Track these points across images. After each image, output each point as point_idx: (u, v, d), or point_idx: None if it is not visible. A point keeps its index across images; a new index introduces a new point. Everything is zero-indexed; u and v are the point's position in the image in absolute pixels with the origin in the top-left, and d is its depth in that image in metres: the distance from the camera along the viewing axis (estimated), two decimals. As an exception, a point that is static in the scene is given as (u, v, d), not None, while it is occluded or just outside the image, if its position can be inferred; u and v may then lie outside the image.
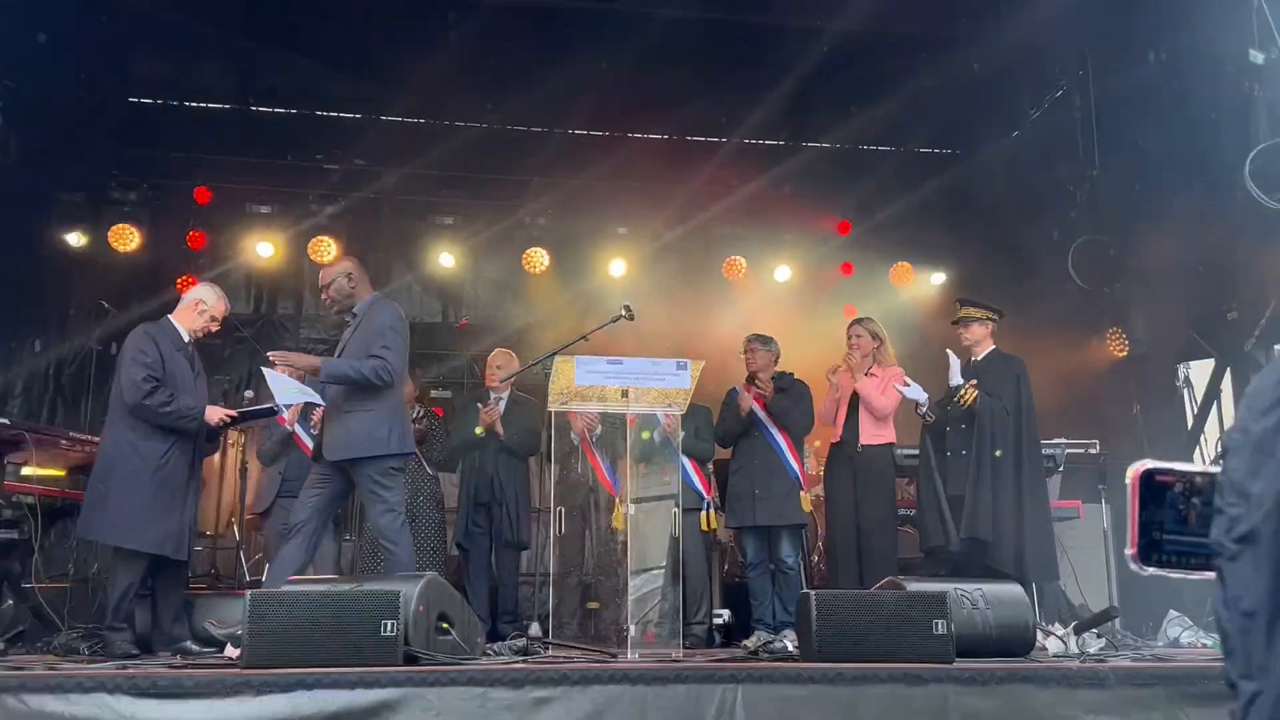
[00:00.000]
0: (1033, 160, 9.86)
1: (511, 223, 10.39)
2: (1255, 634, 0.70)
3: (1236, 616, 0.72)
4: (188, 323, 5.70)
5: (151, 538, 5.25)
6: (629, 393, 5.22)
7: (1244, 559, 0.72)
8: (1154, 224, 8.51)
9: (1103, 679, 4.09)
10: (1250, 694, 0.70)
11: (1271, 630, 0.69)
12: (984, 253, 10.30)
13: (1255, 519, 0.71)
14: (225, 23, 9.00)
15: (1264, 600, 0.70)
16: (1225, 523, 0.75)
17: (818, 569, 7.83)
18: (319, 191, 10.23)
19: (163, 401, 5.29)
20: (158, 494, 5.29)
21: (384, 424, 5.19)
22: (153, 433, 5.35)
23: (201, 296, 5.78)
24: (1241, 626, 0.72)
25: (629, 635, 5.11)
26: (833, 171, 10.44)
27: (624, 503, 5.54)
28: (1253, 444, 0.74)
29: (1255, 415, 0.75)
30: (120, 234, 9.67)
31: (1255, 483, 0.72)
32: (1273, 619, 0.69)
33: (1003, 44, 8.74)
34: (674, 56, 8.79)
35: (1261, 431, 0.74)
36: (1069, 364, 8.96)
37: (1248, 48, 7.14)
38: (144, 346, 5.44)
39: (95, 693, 3.55)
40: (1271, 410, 0.74)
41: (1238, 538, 0.73)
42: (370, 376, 5.15)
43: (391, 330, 5.33)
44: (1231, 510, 0.74)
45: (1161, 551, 0.88)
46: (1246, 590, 0.71)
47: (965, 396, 6.26)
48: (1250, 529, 0.72)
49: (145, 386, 5.27)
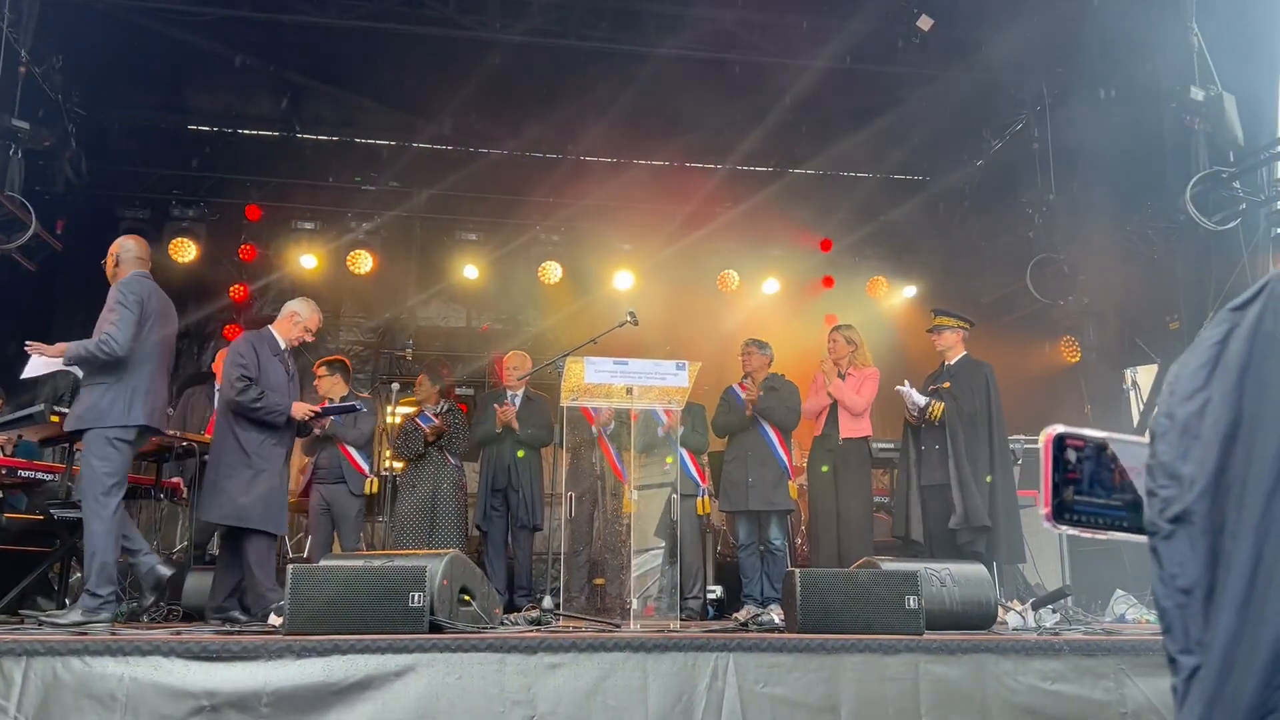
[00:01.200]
0: (995, 185, 9.86)
1: (528, 238, 10.40)
2: (1192, 610, 0.68)
3: (1174, 594, 0.69)
4: (285, 332, 5.79)
5: (253, 515, 5.33)
6: (633, 390, 5.21)
7: (1179, 538, 0.69)
8: (1104, 243, 8.50)
9: (1057, 650, 4.06)
10: (1190, 668, 0.67)
11: (1208, 606, 0.67)
12: (951, 268, 10.28)
13: (1189, 499, 0.69)
14: (274, 60, 9.01)
15: (1200, 577, 0.67)
16: (1158, 504, 0.71)
17: (802, 550, 7.81)
18: (357, 210, 10.24)
19: (253, 398, 5.39)
20: (256, 476, 5.39)
21: (109, 396, 4.84)
22: (250, 425, 5.45)
23: (297, 310, 5.87)
24: (1179, 603, 0.69)
25: (631, 608, 5.09)
26: (816, 195, 10.44)
27: (631, 489, 5.53)
28: (1179, 428, 0.71)
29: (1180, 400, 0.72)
30: (179, 247, 9.68)
31: (1185, 465, 0.70)
32: (1209, 595, 0.67)
33: (969, 81, 8.75)
34: (673, 91, 8.79)
35: (1186, 415, 0.71)
36: (1027, 368, 8.95)
37: (1189, 85, 7.13)
38: (243, 350, 5.57)
39: (151, 656, 3.53)
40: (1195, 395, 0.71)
41: (1171, 518, 0.70)
42: (95, 351, 4.85)
43: (120, 305, 5.03)
44: (1164, 492, 0.71)
45: (1072, 511, 0.84)
46: (1182, 569, 0.68)
47: (934, 412, 6.26)
48: (1184, 509, 0.69)
49: (239, 385, 5.39)
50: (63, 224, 8.70)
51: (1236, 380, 0.68)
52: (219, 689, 3.51)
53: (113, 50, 8.32)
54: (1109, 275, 8.49)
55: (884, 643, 4.01)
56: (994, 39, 8.07)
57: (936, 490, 6.26)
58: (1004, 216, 9.54)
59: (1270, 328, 0.66)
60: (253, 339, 5.71)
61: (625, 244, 10.47)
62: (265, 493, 5.38)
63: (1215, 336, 0.71)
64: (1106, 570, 6.96)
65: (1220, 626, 0.64)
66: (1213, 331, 0.72)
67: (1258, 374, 0.66)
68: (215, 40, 8.47)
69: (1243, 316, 0.70)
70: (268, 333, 5.81)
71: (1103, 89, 8.30)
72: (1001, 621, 5.18)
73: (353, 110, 9.93)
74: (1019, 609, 5.38)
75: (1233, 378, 0.68)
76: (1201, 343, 0.72)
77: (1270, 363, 0.65)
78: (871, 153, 10.01)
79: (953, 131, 9.81)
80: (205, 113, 9.90)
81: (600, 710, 3.71)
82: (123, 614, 5.29)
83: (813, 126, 9.77)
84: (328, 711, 3.55)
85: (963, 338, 6.61)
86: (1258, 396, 0.65)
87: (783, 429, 6.86)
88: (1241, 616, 0.63)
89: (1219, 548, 0.66)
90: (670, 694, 3.77)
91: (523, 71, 8.79)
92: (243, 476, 5.36)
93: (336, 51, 8.68)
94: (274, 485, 5.47)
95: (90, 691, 3.44)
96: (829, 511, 6.67)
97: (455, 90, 8.92)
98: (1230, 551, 0.65)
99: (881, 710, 3.87)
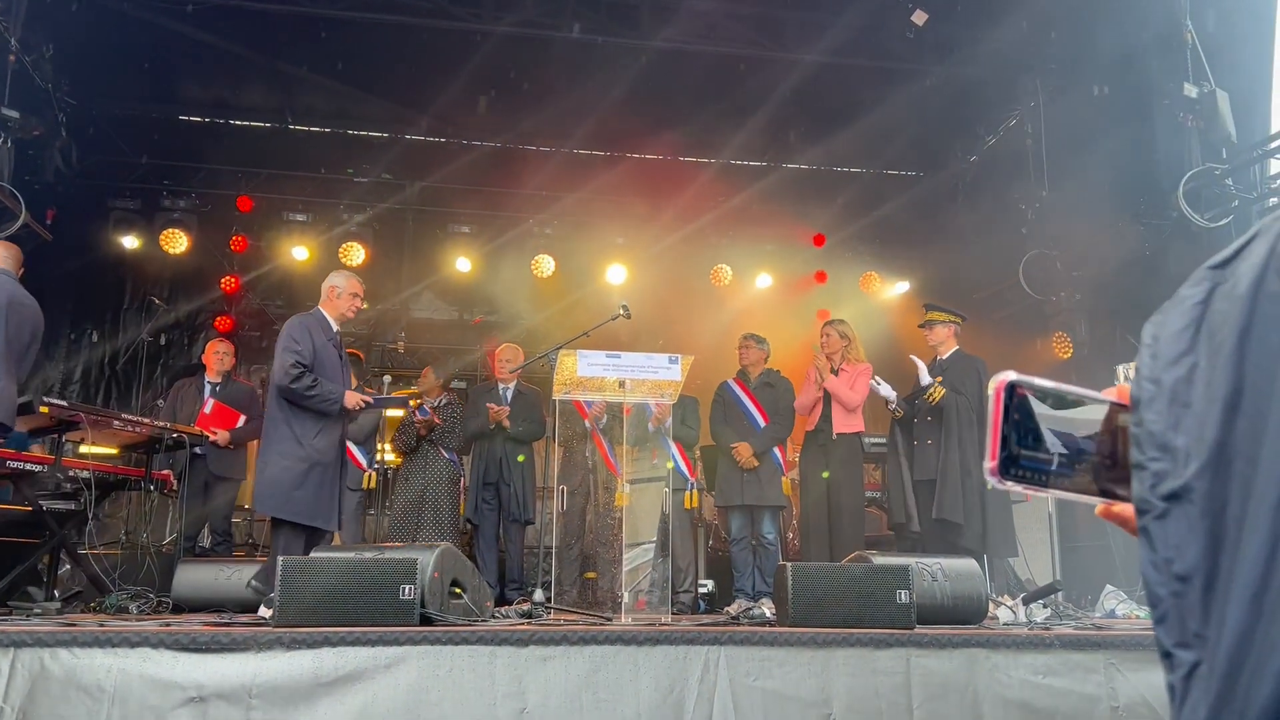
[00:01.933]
0: (988, 181, 9.84)
1: (521, 231, 10.36)
2: (1190, 599, 0.62)
3: (1169, 580, 0.63)
4: (333, 310, 5.54)
5: (303, 509, 5.13)
6: (625, 384, 5.19)
7: (1174, 518, 0.63)
8: (1097, 239, 8.50)
9: (1048, 644, 4.07)
10: (1189, 664, 0.62)
11: (1208, 595, 0.61)
12: (944, 264, 10.27)
13: (1186, 475, 0.63)
14: (266, 50, 8.96)
15: (1199, 563, 0.61)
16: (1149, 478, 0.65)
17: (793, 544, 7.81)
18: (349, 202, 10.21)
19: (308, 385, 5.18)
20: (310, 469, 5.17)
21: None
22: (304, 413, 5.23)
23: (335, 283, 5.60)
24: (1175, 590, 0.62)
25: (623, 602, 5.09)
26: (809, 190, 10.43)
27: (624, 482, 5.52)
28: (1167, 395, 0.65)
29: (1165, 364, 0.66)
30: (170, 238, 9.63)
31: (1178, 436, 0.64)
32: (1209, 583, 0.61)
33: (962, 76, 8.74)
34: (667, 84, 8.77)
35: (1174, 381, 0.65)
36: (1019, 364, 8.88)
37: (1183, 82, 7.13)
38: (296, 335, 5.30)
39: (140, 647, 3.51)
40: (1182, 358, 0.65)
41: (1165, 495, 0.64)
42: None
43: None
44: (1155, 465, 0.65)
45: (1019, 466, 0.76)
46: (1179, 552, 0.62)
47: (933, 394, 6.26)
48: (1180, 485, 0.63)
49: (293, 372, 5.17)
50: (53, 214, 8.66)
51: (1236, 345, 0.62)
52: (208, 681, 3.49)
53: (103, 40, 8.25)
54: (1101, 272, 8.50)
55: (875, 637, 4.01)
56: (988, 34, 8.06)
57: (928, 485, 6.27)
58: (997, 212, 9.53)
59: (1275, 288, 0.60)
60: (305, 321, 5.43)
61: (618, 238, 10.44)
62: (318, 486, 5.19)
63: (1196, 296, 0.67)
64: (1097, 565, 6.99)
65: (1229, 620, 0.59)
66: (1192, 290, 0.67)
67: (1262, 339, 0.61)
68: (207, 30, 8.42)
69: (1225, 275, 0.65)
70: (318, 314, 5.53)
71: (1096, 85, 8.29)
72: (992, 616, 5.19)
73: (345, 102, 9.86)
74: (1010, 604, 5.38)
75: (1231, 342, 0.62)
76: (1181, 302, 0.67)
77: (1277, 326, 0.60)
78: (865, 148, 9.99)
79: (946, 127, 9.80)
80: (196, 103, 9.83)
81: (591, 703, 3.70)
82: (112, 606, 5.27)
83: (806, 121, 9.74)
84: (317, 704, 3.54)
85: (954, 332, 6.63)
86: (1263, 365, 0.60)
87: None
88: (1255, 610, 0.57)
89: (1221, 531, 0.61)
90: (661, 687, 3.76)
91: (515, 64, 8.76)
92: (297, 469, 5.14)
93: (329, 42, 8.63)
94: (327, 478, 5.26)
95: (78, 683, 3.42)
96: (821, 506, 6.68)
97: (448, 82, 8.87)
98: (1239, 537, 0.59)
99: (873, 704, 3.86)
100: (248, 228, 10.01)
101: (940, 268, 10.32)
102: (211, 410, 7.18)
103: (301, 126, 10.01)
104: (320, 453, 5.23)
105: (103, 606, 5.36)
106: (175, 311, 10.03)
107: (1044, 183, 8.83)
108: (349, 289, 5.58)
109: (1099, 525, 7.49)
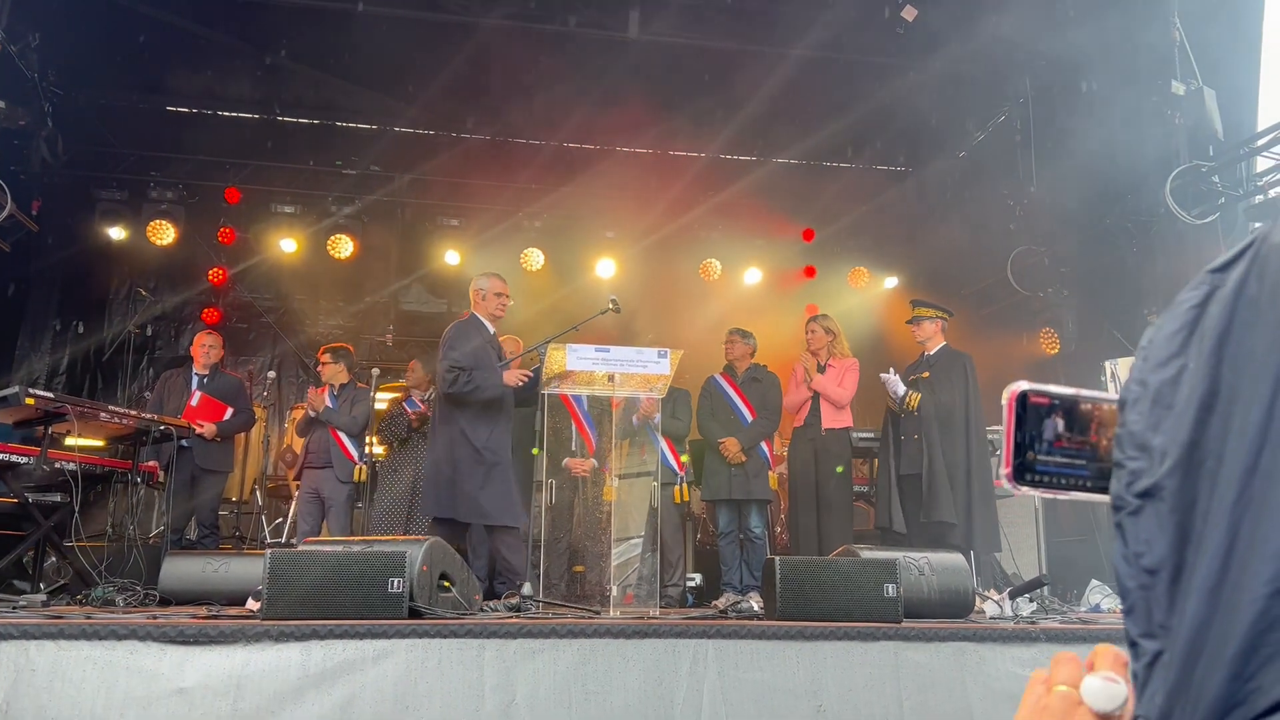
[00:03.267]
0: (977, 177, 9.86)
1: (510, 225, 10.34)
2: (1157, 592, 0.63)
3: (1138, 573, 0.65)
4: (484, 312, 5.91)
5: (495, 512, 5.51)
6: (614, 377, 5.18)
7: (1146, 514, 0.65)
8: (1084, 235, 8.53)
9: (1034, 638, 4.09)
10: (1152, 653, 0.63)
11: (1174, 588, 0.62)
12: (932, 259, 10.30)
13: (1158, 473, 0.64)
14: (254, 41, 8.91)
15: (1166, 557, 0.63)
16: (1126, 476, 0.67)
17: (781, 538, 7.83)
18: (337, 194, 10.17)
19: (465, 383, 5.51)
20: (490, 472, 5.54)
21: None
22: (476, 420, 5.56)
23: (478, 286, 5.99)
24: (1143, 583, 0.64)
25: (611, 595, 5.08)
26: (798, 184, 10.43)
27: (612, 477, 5.51)
28: (1151, 396, 0.67)
29: (1153, 367, 0.67)
30: (157, 229, 9.59)
31: (1156, 436, 0.65)
32: (1175, 577, 0.62)
33: (951, 72, 8.75)
34: (656, 77, 8.76)
35: (1159, 384, 0.66)
36: (1006, 360, 8.98)
37: (1170, 79, 7.16)
38: (453, 343, 5.68)
39: (128, 640, 3.50)
40: (1170, 362, 0.66)
41: (1139, 492, 0.65)
42: None
43: None
44: (1132, 464, 0.66)
45: (1034, 471, 0.80)
46: (1149, 547, 0.64)
47: (910, 402, 6.30)
48: (1153, 483, 0.64)
49: (448, 377, 5.53)
50: (39, 204, 8.60)
51: (1214, 347, 0.63)
52: (195, 673, 3.48)
53: (90, 29, 8.20)
54: (1089, 268, 8.53)
55: (863, 630, 4.02)
56: (977, 31, 8.07)
57: (914, 480, 6.30)
58: (985, 208, 9.56)
59: (1254, 292, 0.61)
60: (461, 327, 5.79)
61: (608, 231, 10.44)
62: (501, 487, 5.54)
63: (1193, 299, 0.67)
64: (1082, 560, 7.02)
65: (1188, 611, 0.60)
66: (1191, 294, 0.67)
67: (1239, 342, 0.62)
68: (194, 21, 8.37)
69: (1223, 279, 0.65)
70: (473, 318, 5.89)
71: (1084, 82, 8.31)
72: (979, 610, 5.21)
73: (333, 93, 9.82)
74: (996, 598, 5.39)
75: (1210, 344, 0.63)
76: (1179, 305, 0.68)
77: (1253, 330, 0.61)
78: (854, 143, 10.02)
79: (935, 123, 9.81)
80: (184, 94, 9.76)
81: (580, 696, 3.70)
82: (98, 598, 5.24)
83: (795, 116, 9.75)
84: (304, 697, 3.53)
85: (942, 328, 6.65)
86: (1238, 367, 0.61)
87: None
88: (1212, 602, 0.59)
89: (1189, 526, 0.62)
90: (650, 680, 3.77)
91: (504, 56, 8.73)
92: (477, 474, 5.50)
93: (316, 33, 8.59)
94: (507, 478, 5.62)
95: (63, 675, 3.40)
96: (809, 500, 6.69)
97: (436, 74, 8.83)
98: (1202, 532, 0.61)
99: (863, 695, 3.88)
100: (235, 219, 9.96)
101: (929, 263, 10.35)
102: (198, 403, 7.14)
103: (289, 118, 9.97)
104: (497, 455, 5.62)
105: (89, 599, 5.33)
106: (162, 303, 9.98)
107: (1032, 178, 8.85)
108: (492, 289, 5.94)
109: (1085, 521, 7.54)
